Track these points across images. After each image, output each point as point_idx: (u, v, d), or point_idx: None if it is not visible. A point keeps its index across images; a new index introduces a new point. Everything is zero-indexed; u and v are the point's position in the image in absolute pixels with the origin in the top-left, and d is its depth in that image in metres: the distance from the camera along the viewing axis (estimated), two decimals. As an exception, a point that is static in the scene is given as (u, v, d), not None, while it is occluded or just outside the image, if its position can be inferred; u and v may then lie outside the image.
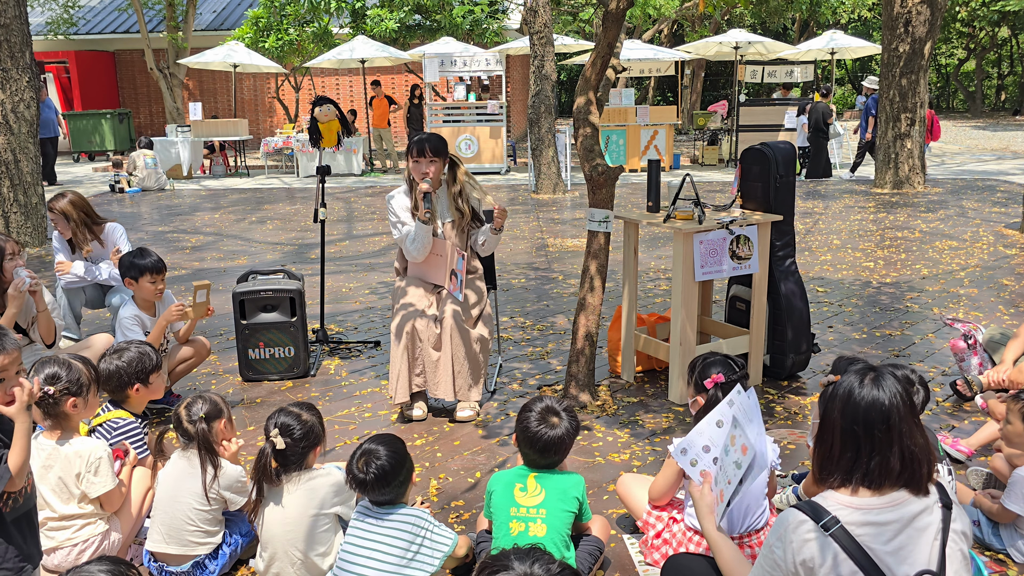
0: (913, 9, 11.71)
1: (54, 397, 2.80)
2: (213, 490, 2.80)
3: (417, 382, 4.15)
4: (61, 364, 2.87)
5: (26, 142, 8.78)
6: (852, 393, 1.95)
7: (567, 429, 2.74)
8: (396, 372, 4.10)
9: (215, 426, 2.86)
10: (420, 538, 2.53)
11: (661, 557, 2.78)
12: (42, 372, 2.84)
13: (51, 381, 2.81)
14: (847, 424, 1.95)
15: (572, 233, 9.51)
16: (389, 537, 2.51)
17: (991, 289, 6.52)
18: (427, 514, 2.60)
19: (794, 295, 4.56)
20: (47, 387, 2.80)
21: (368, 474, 2.52)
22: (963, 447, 3.59)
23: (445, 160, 4.20)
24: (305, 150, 16.14)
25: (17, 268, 3.99)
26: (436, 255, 4.28)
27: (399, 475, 2.55)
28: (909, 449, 1.91)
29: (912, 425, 1.93)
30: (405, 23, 18.74)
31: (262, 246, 9.10)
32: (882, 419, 1.91)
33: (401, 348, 4.10)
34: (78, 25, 23.55)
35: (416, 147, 4.11)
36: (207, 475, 2.78)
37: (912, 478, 1.92)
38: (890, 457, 1.91)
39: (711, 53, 18.83)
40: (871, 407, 1.93)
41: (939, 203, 11.10)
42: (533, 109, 12.81)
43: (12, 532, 2.37)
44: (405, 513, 2.55)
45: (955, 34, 36.31)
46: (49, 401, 2.80)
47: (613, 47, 4.18)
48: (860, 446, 1.93)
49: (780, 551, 1.95)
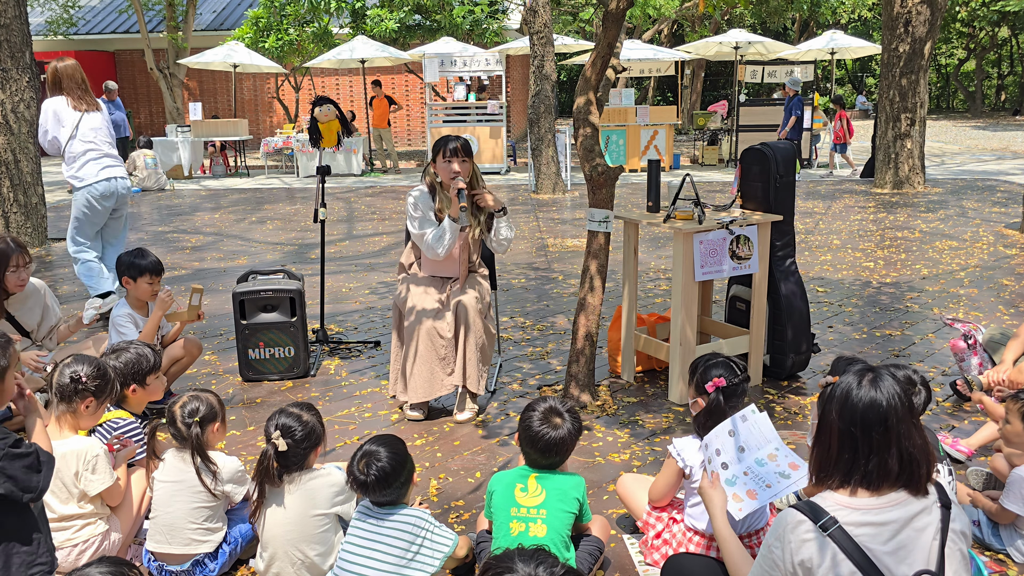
0: (913, 9, 11.71)
1: (80, 387, 2.83)
2: (217, 489, 2.80)
3: (453, 380, 4.15)
4: (99, 367, 2.92)
5: (26, 142, 8.78)
6: (850, 394, 1.95)
7: (569, 430, 2.74)
8: (394, 369, 4.11)
9: (208, 429, 2.86)
10: (420, 539, 2.53)
11: (661, 557, 2.78)
12: (81, 364, 2.88)
13: (89, 374, 2.86)
14: (845, 425, 1.94)
15: (572, 233, 9.51)
16: (389, 537, 2.52)
17: (991, 289, 6.52)
18: (427, 515, 2.60)
19: (794, 295, 4.56)
20: (82, 375, 2.84)
21: (369, 476, 2.52)
22: (963, 447, 3.59)
23: (473, 162, 4.26)
24: (305, 150, 16.14)
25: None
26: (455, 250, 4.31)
27: (400, 476, 2.55)
28: (907, 450, 1.91)
29: (911, 426, 1.92)
30: (405, 23, 18.74)
31: (262, 246, 9.10)
32: (880, 420, 1.91)
33: (401, 345, 4.09)
34: (78, 25, 23.55)
35: (449, 147, 4.14)
36: (205, 479, 2.79)
37: (911, 479, 1.92)
38: (888, 458, 1.91)
39: (711, 53, 18.84)
40: (869, 408, 1.92)
41: (939, 203, 11.10)
42: (533, 109, 12.81)
43: (44, 525, 2.40)
44: (406, 513, 2.55)
45: (955, 34, 36.30)
46: (72, 387, 2.83)
47: (613, 47, 4.18)
48: (858, 447, 1.93)
49: (779, 551, 1.95)
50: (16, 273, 3.93)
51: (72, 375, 2.84)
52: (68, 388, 2.84)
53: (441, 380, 4.14)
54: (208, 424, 2.86)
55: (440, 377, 4.13)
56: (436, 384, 4.13)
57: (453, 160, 4.13)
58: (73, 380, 2.83)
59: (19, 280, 3.95)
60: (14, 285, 3.95)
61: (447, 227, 4.16)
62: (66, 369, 2.87)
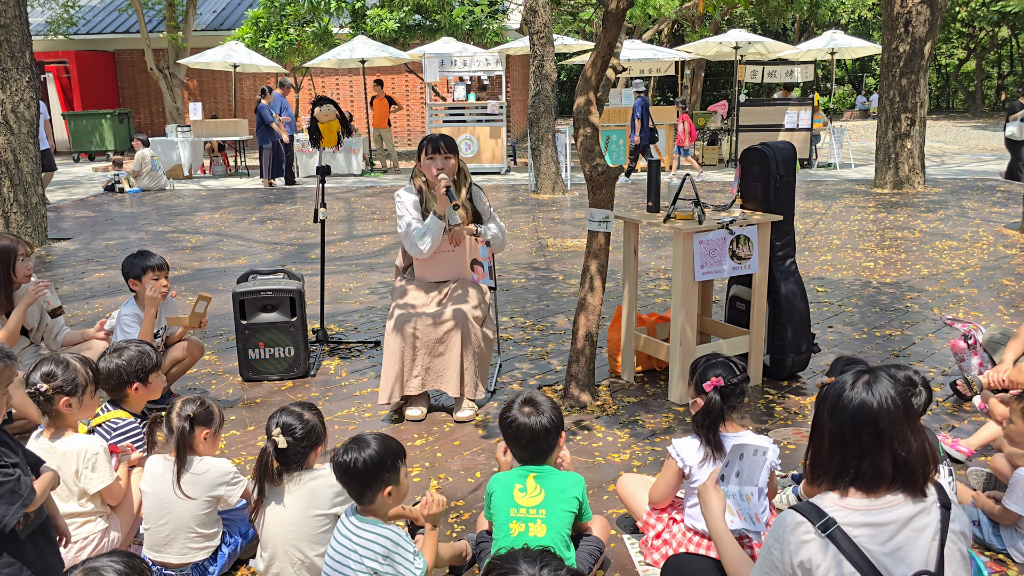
0: (913, 9, 11.71)
1: (46, 395, 2.79)
2: (209, 493, 2.79)
3: (414, 384, 4.15)
4: (59, 363, 2.86)
5: (26, 142, 8.77)
6: (841, 395, 1.95)
7: (545, 422, 2.69)
8: (386, 374, 4.10)
9: (198, 431, 2.81)
10: (388, 560, 2.47)
11: (661, 557, 2.78)
12: (39, 369, 2.84)
13: (46, 379, 2.80)
14: (835, 426, 1.94)
15: (572, 233, 9.51)
16: (362, 548, 2.47)
17: (991, 289, 6.52)
18: (401, 535, 2.50)
19: (794, 295, 4.56)
20: (41, 384, 2.79)
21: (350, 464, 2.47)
22: (963, 447, 3.59)
23: (458, 158, 4.27)
24: (305, 150, 16.14)
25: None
26: (443, 251, 4.30)
27: (372, 476, 2.48)
28: (900, 454, 1.89)
29: (905, 429, 1.90)
30: (405, 23, 18.73)
31: (262, 246, 9.10)
32: (870, 422, 1.90)
33: (396, 349, 4.10)
34: (78, 25, 23.54)
35: (430, 144, 4.19)
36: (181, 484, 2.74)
37: (907, 482, 1.91)
38: (880, 461, 1.89)
39: (711, 53, 18.83)
40: (859, 410, 1.91)
41: (939, 203, 11.10)
42: (533, 109, 12.81)
43: (27, 550, 2.37)
44: (378, 531, 2.49)
45: (955, 34, 36.31)
46: (41, 398, 2.80)
47: (613, 47, 4.18)
48: (847, 449, 1.92)
49: (778, 552, 1.95)
50: (24, 262, 4.08)
51: (33, 389, 2.79)
52: (38, 399, 2.81)
53: (409, 384, 4.13)
54: (199, 426, 2.81)
55: (407, 380, 4.12)
56: (401, 388, 4.12)
57: (435, 157, 4.17)
58: (37, 392, 2.79)
59: (27, 269, 4.10)
60: (22, 275, 4.08)
61: (431, 224, 4.18)
62: (31, 378, 2.81)
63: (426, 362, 4.12)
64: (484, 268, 4.19)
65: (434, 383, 4.14)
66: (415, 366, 4.13)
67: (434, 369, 4.13)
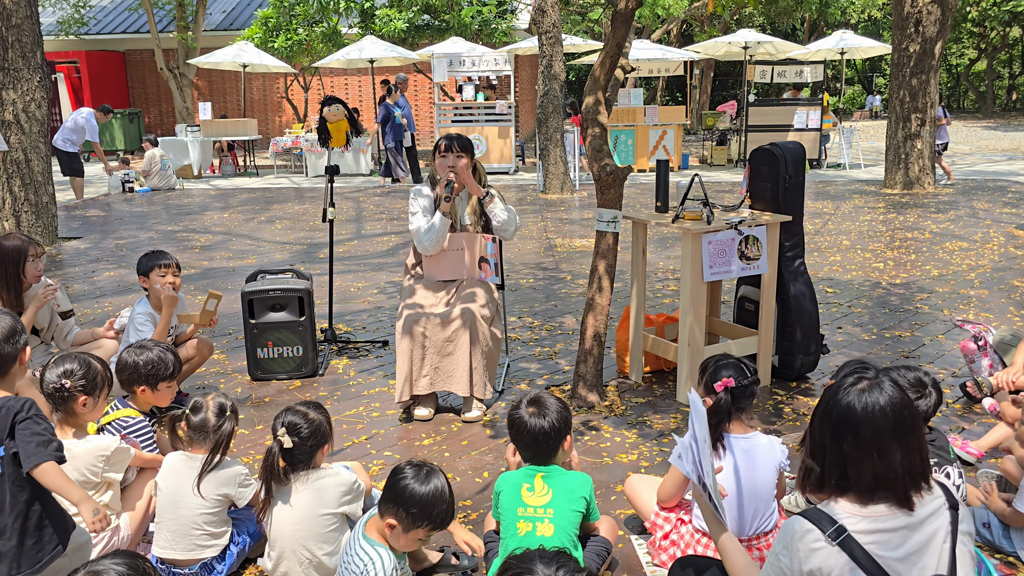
0: (924, 9, 11.65)
1: (69, 391, 2.82)
2: (219, 492, 2.80)
3: (423, 384, 4.16)
4: (81, 362, 2.89)
5: (37, 141, 8.82)
6: (829, 401, 1.94)
7: (553, 421, 2.71)
8: (400, 372, 4.13)
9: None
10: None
11: (669, 558, 2.78)
12: (60, 366, 2.86)
13: (67, 376, 2.83)
14: (820, 431, 1.94)
15: (580, 233, 9.50)
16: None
17: (1002, 290, 6.49)
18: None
19: (803, 296, 4.54)
20: (65, 381, 2.81)
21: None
22: (973, 449, 3.57)
23: (472, 158, 4.32)
24: (314, 150, 16.17)
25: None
26: (453, 250, 4.31)
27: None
28: (880, 466, 1.85)
29: (890, 442, 1.85)
30: (414, 23, 18.75)
31: (271, 245, 9.12)
32: (850, 430, 1.87)
33: (406, 348, 4.11)
34: (89, 25, 23.65)
35: (444, 142, 4.29)
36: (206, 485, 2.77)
37: (891, 495, 1.86)
38: (861, 470, 1.86)
39: (720, 53, 18.79)
40: (841, 417, 1.89)
41: (949, 204, 11.04)
42: (541, 109, 12.81)
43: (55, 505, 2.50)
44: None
45: (966, 34, 36.13)
46: (62, 395, 2.82)
47: (622, 47, 4.18)
48: (826, 454, 1.91)
49: (787, 560, 1.91)
50: (34, 263, 4.10)
51: (54, 386, 2.81)
52: (57, 396, 2.83)
53: (418, 383, 4.15)
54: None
55: (416, 380, 4.15)
56: (411, 387, 4.15)
57: (447, 155, 4.27)
58: (58, 389, 2.81)
59: (37, 271, 4.12)
60: (32, 276, 4.10)
61: (436, 221, 4.25)
62: (49, 375, 2.84)
63: (435, 362, 4.13)
64: (491, 266, 4.21)
65: (443, 384, 4.15)
66: (424, 366, 4.13)
67: (443, 369, 4.14)
